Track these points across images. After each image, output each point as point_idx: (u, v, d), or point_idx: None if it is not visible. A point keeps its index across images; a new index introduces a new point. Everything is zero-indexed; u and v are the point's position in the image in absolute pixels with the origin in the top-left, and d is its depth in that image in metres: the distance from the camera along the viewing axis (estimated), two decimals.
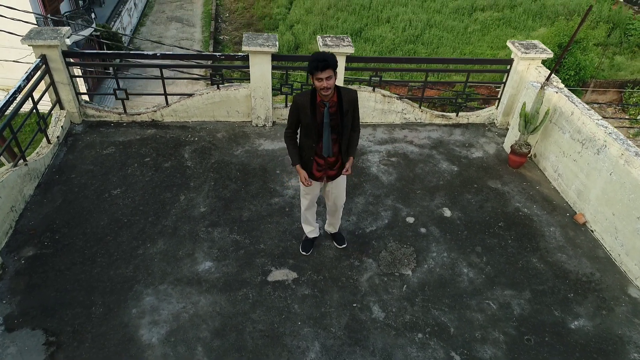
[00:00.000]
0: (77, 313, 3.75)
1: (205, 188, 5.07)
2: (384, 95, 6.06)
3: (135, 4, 23.79)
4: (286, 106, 6.13)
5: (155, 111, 5.96)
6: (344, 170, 3.79)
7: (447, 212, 4.97)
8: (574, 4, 26.02)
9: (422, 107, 6.29)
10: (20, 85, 4.73)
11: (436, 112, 6.35)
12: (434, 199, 5.14)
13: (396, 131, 6.22)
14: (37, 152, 5.16)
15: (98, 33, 17.29)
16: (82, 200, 4.81)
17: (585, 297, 4.17)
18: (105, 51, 8.41)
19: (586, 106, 5.02)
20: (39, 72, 5.23)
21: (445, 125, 6.40)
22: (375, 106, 6.08)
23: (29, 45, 5.15)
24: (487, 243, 4.64)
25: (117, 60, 16.60)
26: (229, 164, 5.43)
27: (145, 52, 5.67)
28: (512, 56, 6.02)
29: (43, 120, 5.14)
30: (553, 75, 5.43)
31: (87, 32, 16.62)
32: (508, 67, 6.06)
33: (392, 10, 25.79)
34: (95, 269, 4.12)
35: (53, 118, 5.65)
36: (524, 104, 5.34)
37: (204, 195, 4.97)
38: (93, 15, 18.72)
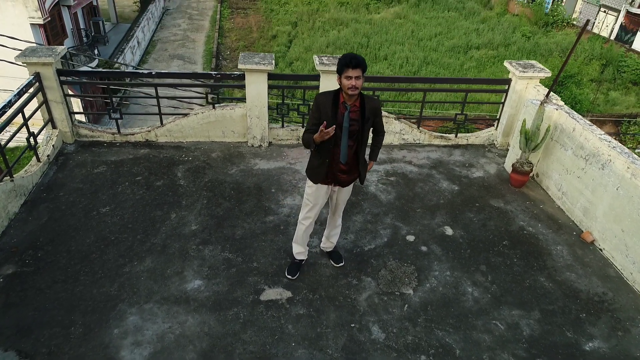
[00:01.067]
0: (55, 333, 3.49)
1: (197, 206, 4.89)
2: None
3: (138, 42, 24.34)
4: (282, 127, 6.04)
5: (150, 131, 5.86)
6: (368, 166, 3.84)
7: (449, 231, 4.78)
8: (567, 43, 26.68)
9: (420, 128, 6.20)
10: (10, 100, 4.65)
11: (435, 133, 6.27)
12: (434, 217, 4.95)
13: (394, 151, 6.11)
14: (25, 170, 5.01)
15: (100, 69, 17.59)
16: (68, 218, 4.62)
17: (599, 318, 3.91)
18: (99, 69, 8.43)
19: (587, 122, 4.92)
20: (31, 90, 5.17)
21: (445, 146, 6.30)
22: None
23: (22, 63, 5.11)
24: (491, 262, 4.42)
25: (119, 92, 16.76)
26: (222, 183, 5.28)
27: (140, 71, 5.65)
28: (509, 76, 5.99)
29: (33, 138, 5.03)
30: (552, 93, 5.37)
31: (92, 64, 16.90)
32: (506, 87, 6.02)
33: (389, 48, 26.43)
34: (78, 287, 3.89)
35: (44, 137, 5.55)
36: (524, 120, 5.25)
37: (195, 213, 4.78)
38: (96, 52, 19.09)
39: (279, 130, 6.01)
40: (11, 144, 10.02)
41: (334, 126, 3.25)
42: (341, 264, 4.25)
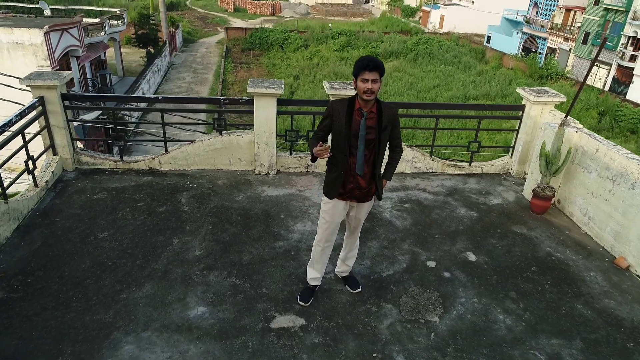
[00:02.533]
0: None
1: (202, 232, 4.58)
2: None
3: (143, 93, 24.83)
4: (291, 154, 5.85)
5: (153, 159, 5.65)
6: (381, 187, 3.51)
7: (472, 257, 4.45)
8: (563, 92, 27.27)
9: (433, 156, 6.01)
10: (11, 120, 4.48)
11: (448, 162, 6.07)
12: (455, 243, 4.64)
13: (407, 180, 5.88)
14: (21, 194, 4.75)
15: (105, 116, 17.73)
16: (63, 243, 4.31)
17: None
18: (105, 94, 8.32)
19: (611, 142, 4.73)
20: (34, 113, 5.01)
21: (459, 174, 6.07)
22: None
23: (27, 86, 5.00)
24: (521, 288, 4.06)
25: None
26: (229, 209, 5.00)
27: (147, 96, 5.52)
28: (523, 102, 5.87)
29: (32, 162, 4.81)
30: (569, 117, 5.22)
31: (94, 114, 17.05)
32: (520, 113, 5.89)
33: (389, 99, 26.94)
34: (69, 314, 3.51)
35: (44, 162, 5.33)
36: (544, 143, 5.06)
37: (200, 239, 4.47)
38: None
39: (287, 158, 5.81)
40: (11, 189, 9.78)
41: (328, 146, 3.13)
42: (358, 290, 3.89)
